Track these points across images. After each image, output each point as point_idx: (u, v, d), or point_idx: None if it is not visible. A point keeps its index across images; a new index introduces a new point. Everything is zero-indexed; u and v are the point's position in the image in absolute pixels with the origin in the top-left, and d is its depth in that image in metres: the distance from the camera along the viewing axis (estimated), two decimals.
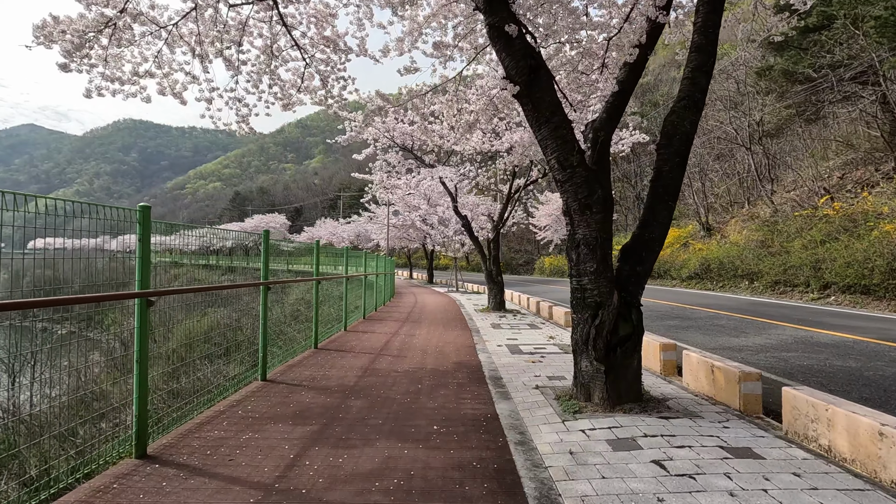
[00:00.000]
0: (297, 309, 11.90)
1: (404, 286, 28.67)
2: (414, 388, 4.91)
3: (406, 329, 9.51)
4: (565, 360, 6.40)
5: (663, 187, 4.38)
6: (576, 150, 4.20)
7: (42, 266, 4.34)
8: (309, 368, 5.79)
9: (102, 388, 5.01)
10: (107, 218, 3.00)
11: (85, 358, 4.87)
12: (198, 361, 5.16)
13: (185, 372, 4.97)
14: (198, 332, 5.17)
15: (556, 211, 39.79)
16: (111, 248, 4.26)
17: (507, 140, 11.32)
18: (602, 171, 4.35)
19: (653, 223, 4.36)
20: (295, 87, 7.42)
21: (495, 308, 13.01)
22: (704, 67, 4.41)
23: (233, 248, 30.34)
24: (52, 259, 3.37)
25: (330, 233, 56.71)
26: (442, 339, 8.30)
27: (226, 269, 18.45)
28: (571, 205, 4.24)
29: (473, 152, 13.51)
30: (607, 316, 4.04)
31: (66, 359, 3.91)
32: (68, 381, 4.09)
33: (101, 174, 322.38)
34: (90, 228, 2.98)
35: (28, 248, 3.56)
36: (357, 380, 5.26)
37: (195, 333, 5.13)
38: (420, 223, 26.87)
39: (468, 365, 6.13)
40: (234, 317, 6.80)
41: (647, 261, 4.35)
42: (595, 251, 4.11)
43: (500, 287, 13.13)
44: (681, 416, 3.86)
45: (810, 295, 15.89)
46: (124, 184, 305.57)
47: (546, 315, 11.64)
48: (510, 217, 13.44)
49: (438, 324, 10.38)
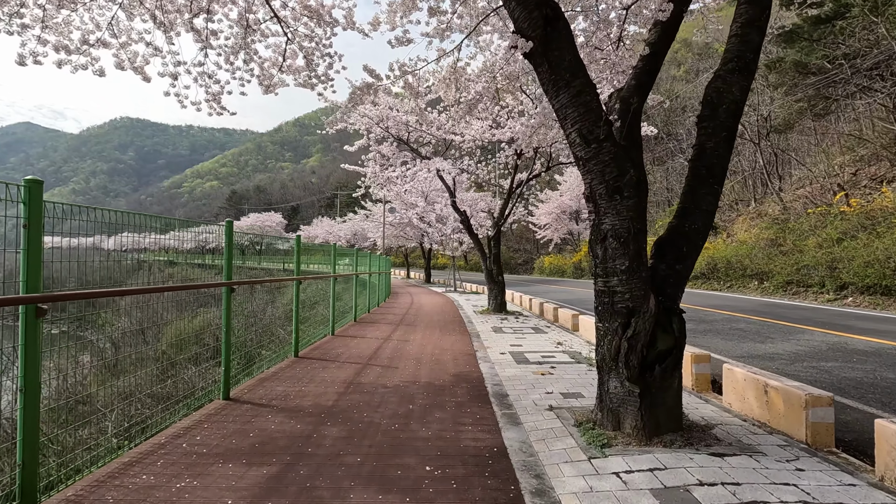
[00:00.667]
0: (290, 310, 11.09)
1: (401, 286, 27.87)
2: (404, 410, 4.11)
3: (400, 333, 8.71)
4: (579, 371, 5.61)
5: (707, 167, 3.59)
6: (602, 121, 3.41)
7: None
8: (284, 383, 4.99)
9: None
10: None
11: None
12: (144, 379, 4.35)
13: (124, 393, 4.16)
14: (149, 344, 4.36)
15: (556, 209, 39.11)
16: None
17: (510, 129, 10.53)
18: (634, 146, 3.56)
19: (695, 211, 3.57)
20: (276, 65, 6.63)
21: (496, 310, 12.22)
22: (757, 22, 3.62)
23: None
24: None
25: (326, 231, 55.91)
26: (438, 345, 7.50)
27: (219, 270, 18.19)
28: (597, 188, 3.44)
29: (473, 146, 12.73)
30: (642, 325, 3.25)
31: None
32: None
33: (97, 173, 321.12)
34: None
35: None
36: (337, 398, 4.46)
37: (146, 348, 4.33)
38: (417, 221, 26.08)
39: (468, 378, 5.33)
40: (200, 323, 6.00)
41: (688, 257, 3.56)
42: (627, 245, 3.32)
43: (500, 287, 12.35)
44: (737, 453, 3.06)
45: (826, 296, 15.14)
46: (121, 182, 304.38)
47: (551, 317, 10.85)
48: (511, 213, 12.65)
49: (435, 327, 9.59)
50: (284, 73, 6.66)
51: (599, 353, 3.48)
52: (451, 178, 12.57)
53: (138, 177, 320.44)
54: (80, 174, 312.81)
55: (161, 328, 6.72)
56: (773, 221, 20.74)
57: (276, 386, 4.85)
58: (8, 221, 2.35)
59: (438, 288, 25.46)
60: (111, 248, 5.60)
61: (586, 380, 5.17)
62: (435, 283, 30.27)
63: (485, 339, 8.04)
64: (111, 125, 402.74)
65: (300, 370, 5.57)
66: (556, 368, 5.78)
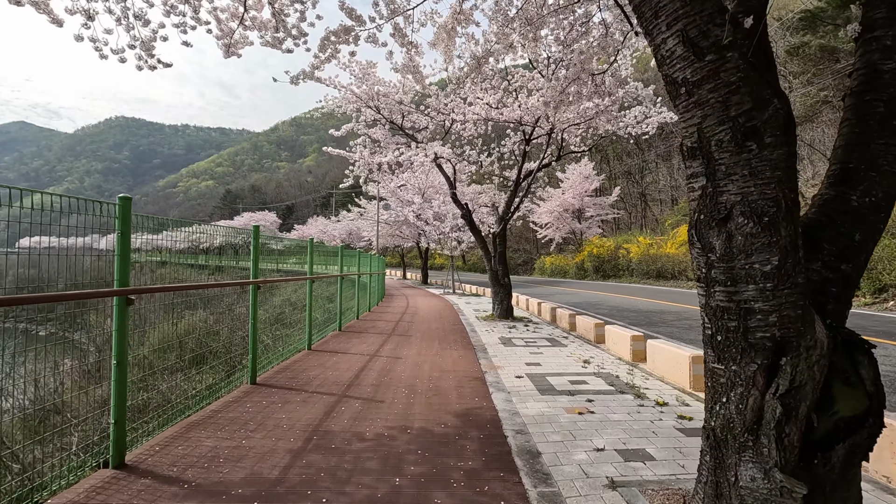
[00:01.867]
0: (283, 312, 9.61)
1: (397, 287, 26.41)
2: (386, 490, 2.67)
3: (390, 347, 7.26)
4: (627, 407, 4.17)
5: (886, 101, 2.16)
6: (726, 19, 1.97)
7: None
8: (221, 430, 3.53)
9: None
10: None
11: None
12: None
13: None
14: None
15: (557, 208, 37.63)
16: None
17: (522, 106, 9.10)
18: (768, 67, 2.12)
19: (868, 174, 2.14)
20: (236, 17, 5.20)
21: (502, 315, 10.78)
22: None
23: (222, 247, 29.08)
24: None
25: (321, 230, 54.40)
26: (437, 363, 6.06)
27: (214, 269, 16.53)
28: (713, 132, 2.00)
29: (474, 133, 11.32)
30: (807, 371, 1.82)
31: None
32: None
33: (92, 172, 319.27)
34: None
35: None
36: (289, 463, 3.01)
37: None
38: (413, 219, 24.63)
39: (479, 419, 3.89)
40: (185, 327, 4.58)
41: (862, 249, 2.13)
42: (774, 228, 1.89)
43: (507, 290, 10.91)
44: None
45: (862, 299, 13.78)
46: (116, 182, 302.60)
47: (566, 325, 9.41)
48: (518, 208, 11.24)
49: (433, 338, 8.14)
50: (248, 29, 5.24)
51: (718, 415, 2.03)
52: (452, 167, 11.13)
53: (133, 176, 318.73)
54: (74, 174, 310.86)
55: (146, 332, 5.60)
56: None
57: (207, 438, 3.39)
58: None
59: (436, 290, 24.01)
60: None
61: (644, 425, 3.73)
62: (432, 285, 28.82)
63: (494, 355, 6.60)
64: (106, 124, 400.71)
65: (251, 408, 4.11)
66: (594, 402, 4.34)
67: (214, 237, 5.08)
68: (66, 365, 5.16)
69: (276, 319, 7.75)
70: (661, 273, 25.53)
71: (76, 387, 4.88)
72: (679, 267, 23.94)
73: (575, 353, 6.84)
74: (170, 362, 4.46)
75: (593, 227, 36.77)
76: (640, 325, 9.76)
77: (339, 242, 49.52)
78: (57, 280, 2.95)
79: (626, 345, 6.41)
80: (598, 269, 32.01)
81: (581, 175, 35.37)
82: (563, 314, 9.77)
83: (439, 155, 9.53)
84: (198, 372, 4.32)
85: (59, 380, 4.33)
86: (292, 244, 9.41)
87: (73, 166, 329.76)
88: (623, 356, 6.49)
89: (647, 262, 26.58)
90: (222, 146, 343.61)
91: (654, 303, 14.60)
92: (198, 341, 4.86)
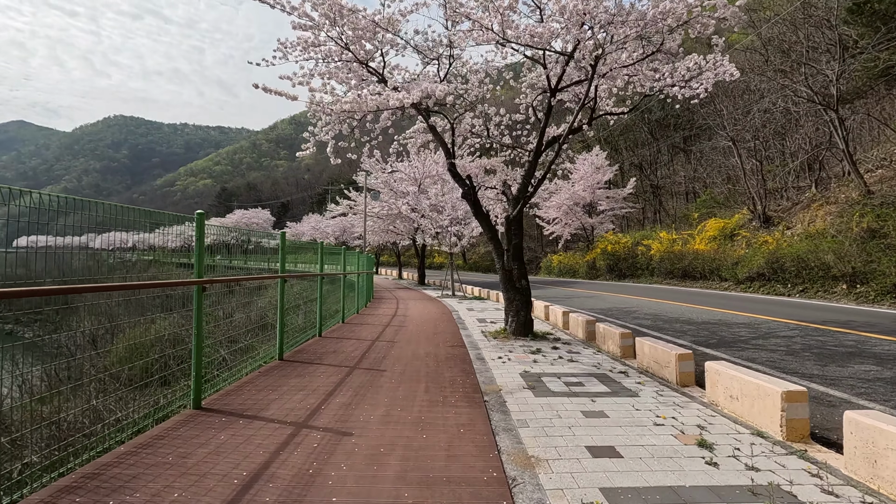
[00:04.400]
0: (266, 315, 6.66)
1: (390, 288, 23.49)
2: None
3: (343, 400, 4.32)
4: None
5: None
6: None
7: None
8: None
9: None
10: None
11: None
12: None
13: None
14: None
15: (566, 201, 34.45)
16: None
17: (546, 31, 6.17)
18: None
19: None
20: None
21: (518, 331, 7.83)
22: None
23: (212, 246, 28.26)
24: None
25: (313, 227, 51.56)
26: (418, 452, 3.13)
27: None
28: None
29: (477, 96, 8.46)
30: None
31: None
32: None
33: (90, 171, 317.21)
34: None
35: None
36: None
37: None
38: (407, 211, 21.72)
39: None
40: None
41: None
42: None
43: (524, 297, 7.94)
44: None
45: None
46: (114, 181, 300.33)
47: (614, 349, 6.47)
48: (540, 186, 8.28)
49: (418, 377, 5.19)
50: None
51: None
52: (447, 127, 8.16)
53: (132, 175, 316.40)
54: (72, 172, 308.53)
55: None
56: (852, 208, 16.41)
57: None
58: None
59: (433, 291, 21.07)
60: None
61: None
62: (429, 285, 25.89)
63: (521, 422, 3.67)
64: (105, 123, 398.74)
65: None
66: None
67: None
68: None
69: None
70: (687, 272, 22.57)
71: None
72: (710, 265, 20.98)
73: (662, 412, 3.91)
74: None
75: (606, 222, 33.77)
76: (718, 347, 6.83)
77: (333, 240, 46.65)
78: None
79: (765, 403, 3.48)
80: (612, 269, 29.06)
81: (592, 165, 32.36)
82: (608, 332, 6.82)
83: (432, 97, 6.58)
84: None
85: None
86: (259, 238, 6.53)
87: (72, 165, 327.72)
88: (760, 424, 3.55)
89: (671, 261, 23.60)
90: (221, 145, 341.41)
91: (701, 309, 11.64)
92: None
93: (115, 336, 5.53)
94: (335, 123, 7.48)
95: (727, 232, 23.28)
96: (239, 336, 6.14)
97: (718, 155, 27.95)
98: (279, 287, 6.03)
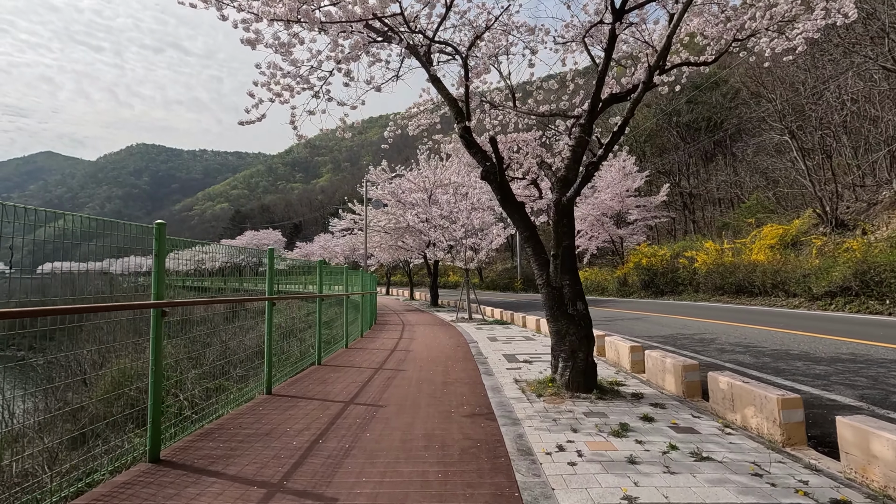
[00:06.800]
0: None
1: (399, 310, 20.72)
2: None
3: None
4: None
5: None
6: None
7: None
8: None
9: None
10: None
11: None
12: None
13: None
14: None
15: (592, 212, 31.37)
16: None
17: None
18: None
19: None
20: None
21: (575, 384, 4.92)
22: None
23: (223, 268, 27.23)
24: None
25: (322, 247, 49.41)
26: None
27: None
28: None
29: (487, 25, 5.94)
30: None
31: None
32: None
33: (112, 198, 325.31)
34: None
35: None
36: None
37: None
38: (416, 222, 19.11)
39: None
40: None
41: None
42: None
43: (583, 329, 5.04)
44: None
45: None
46: (135, 207, 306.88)
47: (763, 425, 3.57)
48: (609, 151, 5.45)
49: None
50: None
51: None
52: (463, 69, 5.46)
53: (152, 201, 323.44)
54: (95, 200, 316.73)
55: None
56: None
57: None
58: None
59: (447, 313, 18.21)
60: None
61: None
62: (443, 307, 23.05)
63: None
64: (127, 151, 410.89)
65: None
66: None
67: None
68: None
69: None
70: (741, 287, 19.32)
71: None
72: (772, 279, 17.75)
73: None
74: None
75: (637, 233, 30.65)
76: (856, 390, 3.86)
77: (342, 259, 44.24)
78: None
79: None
80: (647, 285, 25.84)
81: (621, 171, 29.43)
82: (746, 393, 3.90)
83: (442, 42, 3.91)
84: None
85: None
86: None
87: (95, 193, 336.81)
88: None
89: (721, 274, 20.38)
90: (238, 169, 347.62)
91: (805, 336, 8.53)
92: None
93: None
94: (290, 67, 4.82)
95: (787, 240, 20.06)
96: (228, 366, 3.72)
97: (766, 155, 24.86)
98: (266, 311, 3.48)
